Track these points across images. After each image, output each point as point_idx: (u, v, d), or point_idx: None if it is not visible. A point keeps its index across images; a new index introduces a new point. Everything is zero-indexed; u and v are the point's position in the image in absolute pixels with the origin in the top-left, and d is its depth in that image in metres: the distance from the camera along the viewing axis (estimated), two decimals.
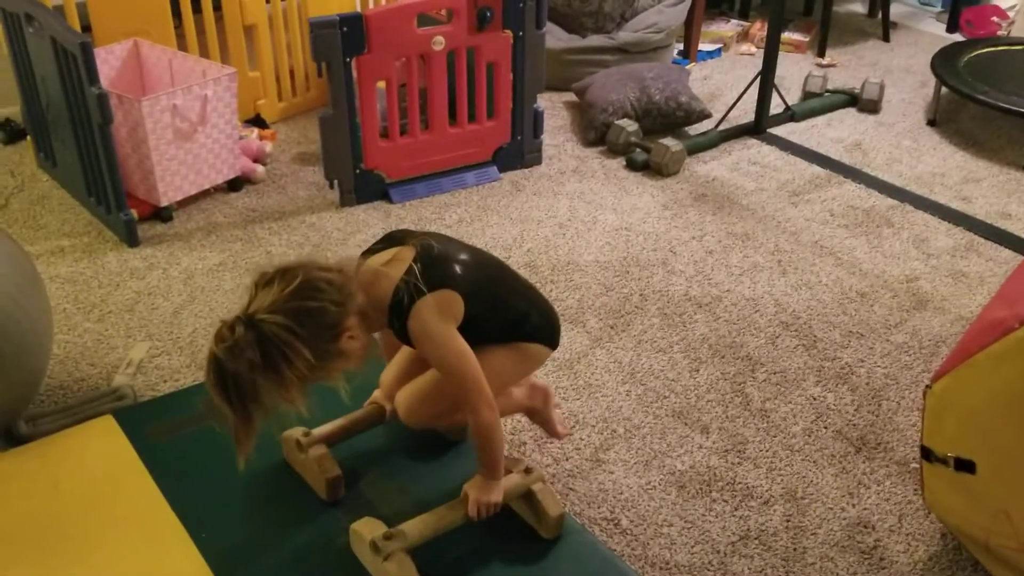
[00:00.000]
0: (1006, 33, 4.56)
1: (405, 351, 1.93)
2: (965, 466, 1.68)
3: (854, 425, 2.22)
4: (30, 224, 2.98)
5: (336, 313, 1.56)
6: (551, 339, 1.88)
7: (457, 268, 1.70)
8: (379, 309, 1.65)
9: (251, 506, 1.91)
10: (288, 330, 1.51)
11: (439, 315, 1.64)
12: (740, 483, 2.05)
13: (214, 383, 1.52)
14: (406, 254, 1.68)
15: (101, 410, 2.15)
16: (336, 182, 3.11)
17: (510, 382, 1.88)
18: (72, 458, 2.00)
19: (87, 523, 1.85)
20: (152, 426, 2.09)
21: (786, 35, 4.40)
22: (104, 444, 2.04)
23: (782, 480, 2.07)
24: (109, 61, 3.11)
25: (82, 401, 2.20)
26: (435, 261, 1.67)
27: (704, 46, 4.40)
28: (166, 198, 2.96)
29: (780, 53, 3.64)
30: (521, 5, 3.07)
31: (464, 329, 1.69)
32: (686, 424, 2.22)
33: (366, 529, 1.72)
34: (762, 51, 3.60)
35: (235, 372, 1.50)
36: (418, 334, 1.64)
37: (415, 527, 1.73)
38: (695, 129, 3.64)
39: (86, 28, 3.16)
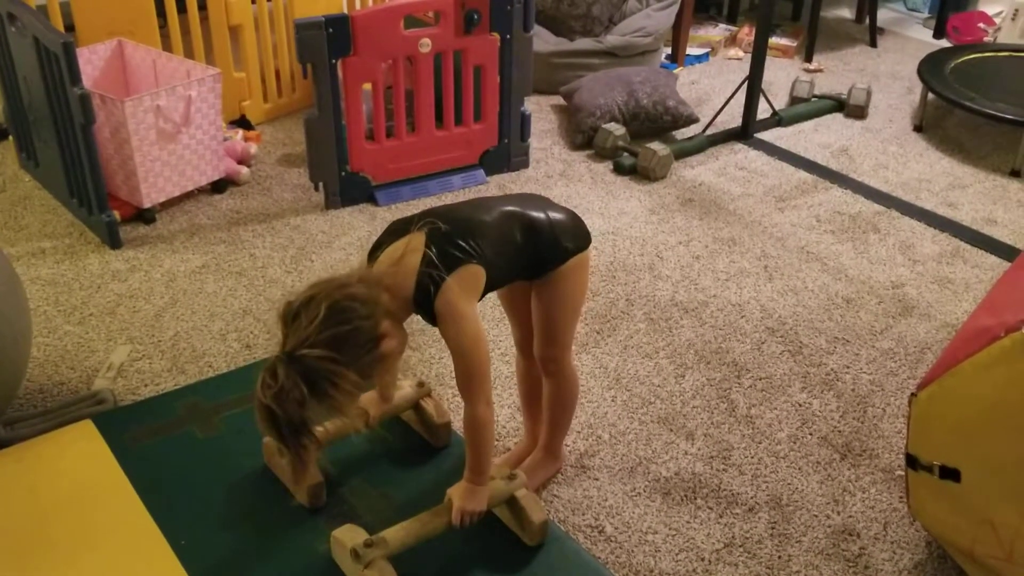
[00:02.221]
0: (992, 39, 4.58)
1: (512, 320, 2.00)
2: (950, 474, 1.67)
3: (839, 432, 2.22)
4: (11, 225, 2.95)
5: (369, 327, 1.56)
6: (581, 244, 1.83)
7: (469, 240, 1.68)
8: (404, 304, 1.65)
9: (231, 513, 1.89)
10: (330, 360, 1.50)
11: (463, 295, 1.65)
12: (725, 490, 2.05)
13: (270, 429, 1.53)
14: (417, 242, 1.67)
15: (81, 414, 2.13)
16: (321, 184, 3.09)
17: (580, 305, 1.90)
18: (50, 463, 1.98)
19: (64, 529, 1.83)
20: (132, 431, 2.06)
21: (774, 40, 4.41)
22: (83, 449, 2.01)
23: (767, 487, 2.06)
24: (92, 61, 3.09)
25: (61, 405, 2.17)
26: (447, 240, 1.67)
27: (692, 50, 4.40)
28: (149, 199, 2.94)
29: (767, 58, 3.64)
30: (509, 8, 3.06)
31: (495, 285, 1.74)
32: (671, 430, 2.20)
33: (347, 536, 1.70)
34: (750, 56, 3.60)
35: (287, 414, 1.50)
36: (443, 314, 1.65)
37: (397, 534, 1.71)
38: (682, 133, 3.63)
39: (69, 28, 3.14)
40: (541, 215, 1.79)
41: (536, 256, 1.78)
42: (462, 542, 1.82)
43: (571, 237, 1.81)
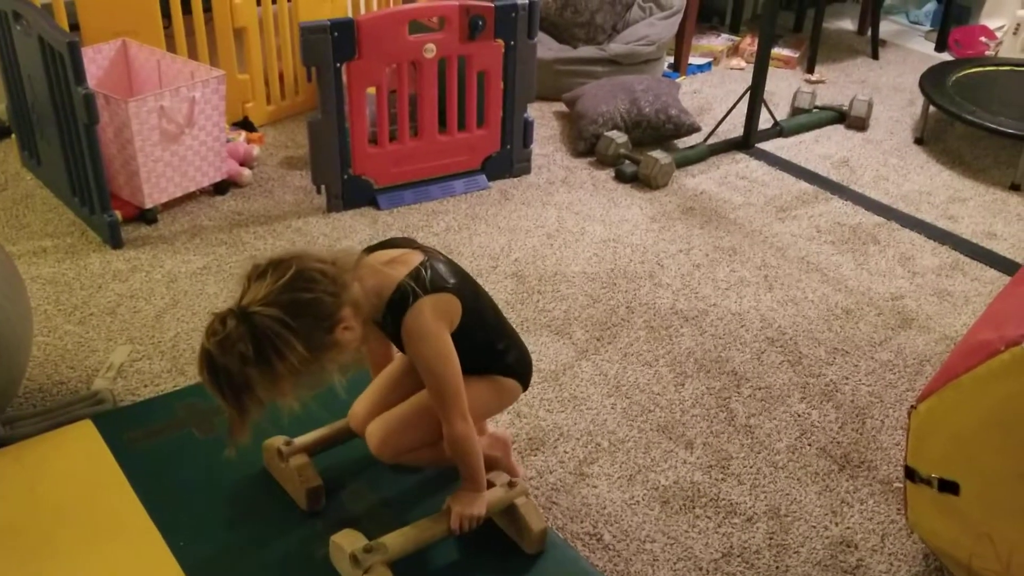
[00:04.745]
0: (994, 53, 4.59)
1: (379, 381, 1.91)
2: (949, 487, 1.68)
3: (838, 443, 2.22)
4: (12, 223, 2.95)
5: (331, 303, 1.54)
6: (525, 377, 1.88)
7: (460, 280, 1.72)
8: (376, 303, 1.64)
9: (230, 515, 1.89)
10: (281, 323, 1.49)
11: (436, 316, 1.65)
12: (724, 499, 2.05)
13: (206, 376, 1.52)
14: (413, 257, 1.69)
15: (80, 414, 2.12)
16: (323, 187, 3.09)
17: (485, 414, 1.87)
18: (49, 463, 1.97)
19: (63, 529, 1.82)
20: (131, 432, 2.06)
21: (776, 50, 4.41)
22: (82, 449, 2.01)
23: (766, 497, 2.06)
24: (97, 61, 3.09)
25: (61, 405, 2.17)
26: (442, 270, 1.69)
27: (694, 60, 4.41)
28: (151, 200, 2.94)
29: (770, 68, 3.65)
30: (513, 15, 3.07)
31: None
32: (670, 439, 2.21)
33: (346, 541, 1.70)
34: (752, 66, 3.61)
35: (226, 366, 1.49)
36: (412, 331, 1.64)
37: (396, 540, 1.71)
38: (684, 142, 3.64)
39: (74, 27, 3.14)
40: (510, 329, 1.88)
41: (489, 351, 1.80)
42: (461, 549, 1.82)
43: (523, 366, 1.87)
